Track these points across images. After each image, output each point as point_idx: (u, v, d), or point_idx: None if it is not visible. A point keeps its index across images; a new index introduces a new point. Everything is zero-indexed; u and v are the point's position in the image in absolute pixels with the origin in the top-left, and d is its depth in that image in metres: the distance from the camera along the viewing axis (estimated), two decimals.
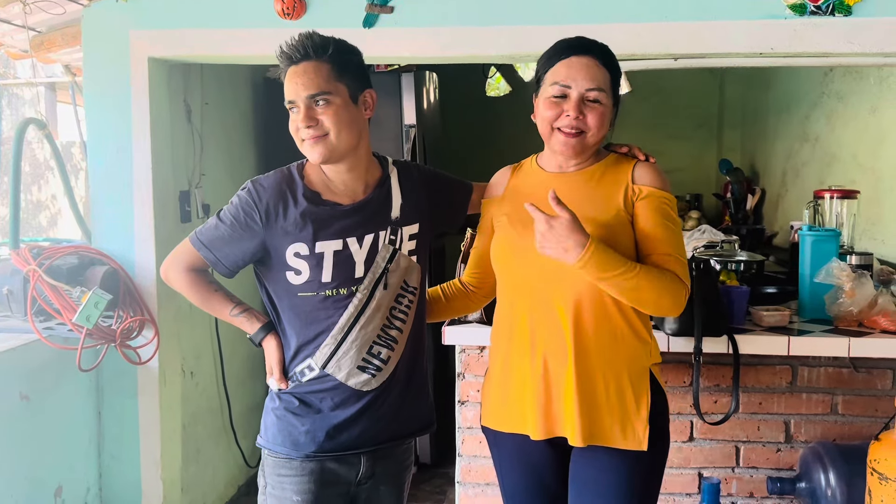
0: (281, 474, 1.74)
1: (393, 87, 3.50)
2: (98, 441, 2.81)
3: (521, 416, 1.74)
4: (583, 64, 1.67)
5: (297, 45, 1.67)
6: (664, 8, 2.46)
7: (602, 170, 1.75)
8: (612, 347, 1.68)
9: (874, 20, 2.37)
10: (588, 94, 1.66)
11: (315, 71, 1.66)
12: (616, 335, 1.68)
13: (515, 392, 1.75)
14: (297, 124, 1.67)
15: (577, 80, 1.66)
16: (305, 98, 1.65)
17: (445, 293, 1.96)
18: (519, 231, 1.73)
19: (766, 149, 4.79)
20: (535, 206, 1.59)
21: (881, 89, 3.28)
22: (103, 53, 2.69)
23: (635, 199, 1.69)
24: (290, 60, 1.67)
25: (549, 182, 1.75)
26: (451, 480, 3.36)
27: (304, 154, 1.71)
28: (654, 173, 1.72)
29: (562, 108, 1.67)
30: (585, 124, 1.66)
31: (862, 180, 3.34)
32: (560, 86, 1.67)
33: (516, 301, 1.75)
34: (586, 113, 1.66)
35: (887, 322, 2.24)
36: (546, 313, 1.69)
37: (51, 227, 3.60)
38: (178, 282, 1.78)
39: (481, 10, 2.52)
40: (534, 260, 1.69)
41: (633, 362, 1.70)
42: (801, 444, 2.41)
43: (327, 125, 1.66)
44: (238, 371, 3.54)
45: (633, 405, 1.69)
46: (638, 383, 1.70)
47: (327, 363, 1.70)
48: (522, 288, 1.73)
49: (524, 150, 1.89)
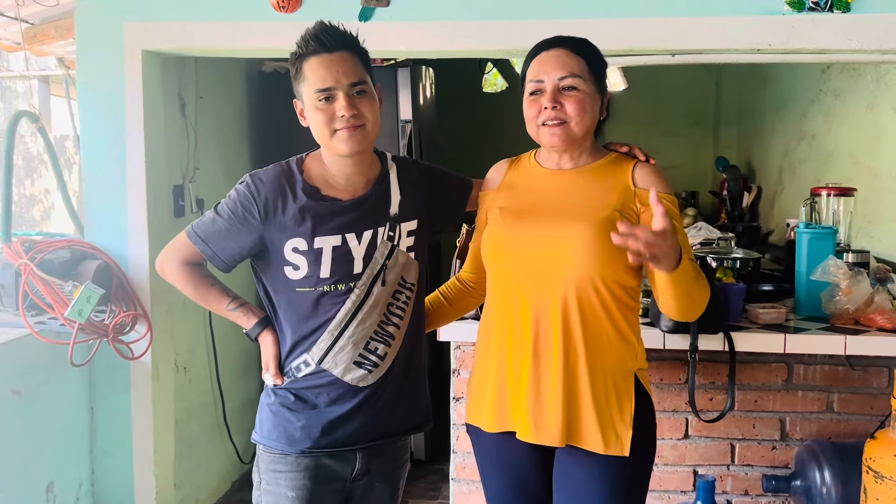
0: (276, 470, 1.73)
1: (389, 81, 3.48)
2: (90, 436, 2.80)
3: (505, 414, 1.72)
4: (552, 56, 1.68)
5: (331, 32, 1.64)
6: (662, 3, 2.45)
7: (599, 168, 1.73)
8: (597, 349, 1.66)
9: (873, 16, 2.36)
10: (562, 83, 1.65)
11: (352, 60, 1.65)
12: (602, 337, 1.66)
13: (500, 389, 1.73)
14: (336, 112, 1.62)
15: (548, 71, 1.66)
16: (347, 86, 1.63)
17: (447, 297, 1.94)
18: (510, 224, 1.71)
19: (762, 146, 4.78)
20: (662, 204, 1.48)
21: (878, 87, 3.28)
22: (97, 46, 2.67)
23: (640, 207, 1.66)
24: (324, 48, 1.62)
25: (546, 179, 1.74)
26: (445, 477, 3.36)
27: (330, 146, 1.67)
28: (656, 176, 1.70)
29: (540, 103, 1.66)
30: (565, 113, 1.65)
31: (859, 178, 3.34)
32: (534, 82, 1.68)
33: (505, 296, 1.73)
34: (563, 101, 1.65)
35: (884, 320, 2.24)
36: (534, 310, 1.67)
37: (44, 221, 3.58)
38: (174, 276, 1.76)
39: (478, 4, 2.51)
40: (523, 256, 1.68)
41: (618, 365, 1.67)
42: (796, 441, 2.41)
43: (367, 114, 1.65)
44: (231, 366, 3.52)
45: (617, 409, 1.66)
46: (622, 387, 1.67)
47: (324, 358, 1.69)
48: (511, 283, 1.72)
49: (520, 145, 1.87)
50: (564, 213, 1.67)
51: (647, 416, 1.70)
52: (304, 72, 1.64)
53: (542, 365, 1.67)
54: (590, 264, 1.63)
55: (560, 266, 1.64)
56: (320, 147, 1.73)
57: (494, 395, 1.73)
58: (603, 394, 1.66)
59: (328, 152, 1.70)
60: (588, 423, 1.66)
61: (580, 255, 1.63)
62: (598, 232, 1.62)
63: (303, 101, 1.68)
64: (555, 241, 1.66)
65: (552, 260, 1.65)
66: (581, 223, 1.63)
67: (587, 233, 1.62)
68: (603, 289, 1.64)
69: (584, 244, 1.62)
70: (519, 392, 1.69)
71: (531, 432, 1.68)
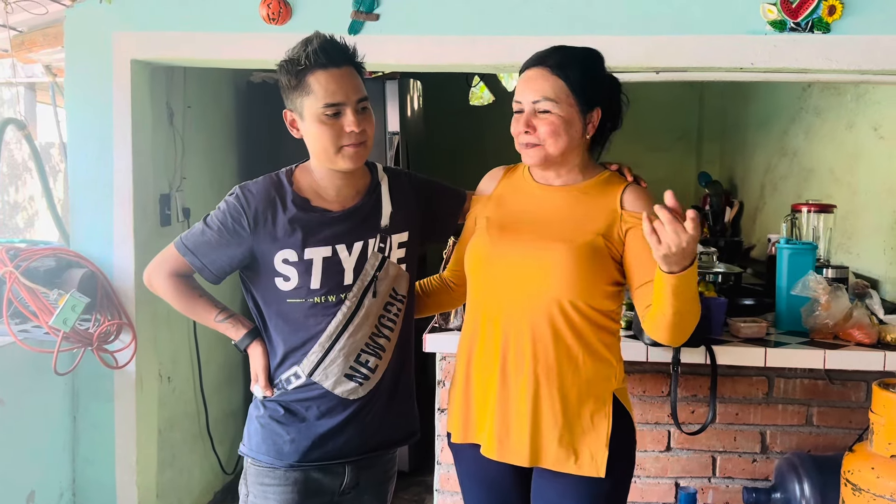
0: (264, 483, 1.72)
1: (377, 94, 3.50)
2: (72, 445, 2.77)
3: (469, 426, 1.73)
4: (530, 77, 1.67)
5: (339, 47, 1.63)
6: (646, 22, 2.49)
7: (589, 188, 1.71)
8: (569, 371, 1.64)
9: (851, 38, 2.41)
10: (536, 107, 1.64)
11: (356, 76, 1.66)
12: (575, 358, 1.64)
13: (465, 400, 1.73)
14: (344, 128, 1.62)
15: (525, 93, 1.66)
16: (355, 102, 1.63)
17: (424, 289, 1.93)
18: (493, 238, 1.71)
19: (744, 162, 4.84)
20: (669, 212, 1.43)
21: (858, 105, 3.33)
22: (86, 54, 2.67)
23: (626, 229, 1.65)
24: (333, 62, 1.61)
25: (534, 194, 1.74)
26: (429, 488, 3.35)
27: (332, 161, 1.65)
28: (645, 200, 1.67)
29: (519, 123, 1.67)
30: (537, 136, 1.64)
31: (838, 195, 3.39)
32: (515, 102, 1.68)
33: (479, 309, 1.73)
34: (536, 125, 1.64)
35: (861, 335, 2.27)
36: (504, 328, 1.67)
37: (28, 229, 3.56)
38: (162, 288, 1.75)
39: (466, 20, 2.54)
40: (500, 272, 1.68)
41: (592, 387, 1.65)
42: (776, 454, 2.43)
43: (369, 131, 1.66)
44: (215, 376, 3.51)
45: (592, 430, 1.64)
46: (598, 408, 1.65)
47: (314, 371, 1.68)
48: (485, 297, 1.72)
49: (507, 158, 1.89)
50: (546, 233, 1.66)
51: (625, 434, 1.69)
52: (308, 84, 1.61)
53: (509, 384, 1.66)
54: (565, 287, 1.62)
55: (534, 286, 1.64)
56: (309, 159, 1.73)
57: (460, 405, 1.74)
58: (576, 415, 1.65)
59: (324, 165, 1.69)
60: (556, 444, 1.64)
61: (555, 278, 1.62)
62: (577, 255, 1.61)
63: (301, 113, 1.65)
64: (532, 260, 1.65)
65: (527, 279, 1.65)
66: (562, 245, 1.63)
67: (566, 255, 1.61)
68: (576, 313, 1.63)
69: (560, 267, 1.61)
70: (485, 407, 1.69)
71: (494, 449, 1.68)
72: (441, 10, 2.54)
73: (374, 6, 2.55)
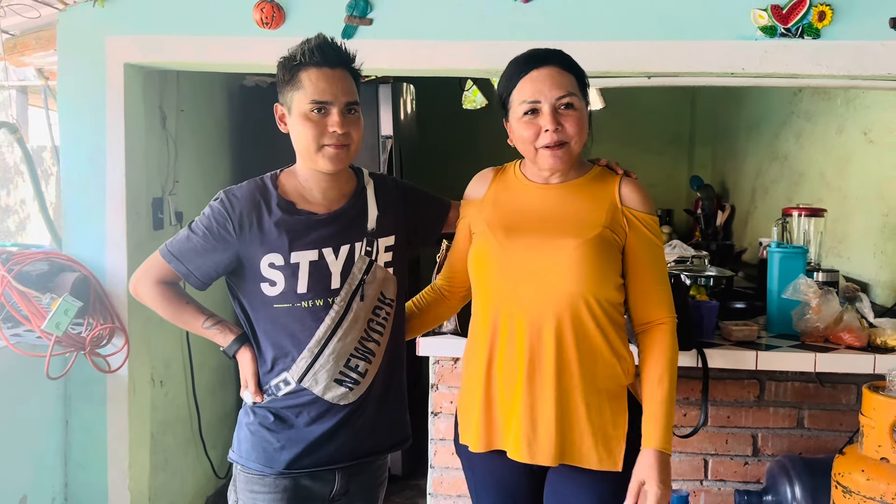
0: (253, 490, 1.71)
1: (370, 97, 3.51)
2: (65, 450, 2.77)
3: (492, 434, 1.70)
4: (545, 75, 1.64)
5: (335, 49, 1.65)
6: (638, 27, 2.50)
7: (586, 183, 1.72)
8: (592, 366, 1.65)
9: (841, 43, 2.43)
10: (559, 103, 1.63)
11: (349, 79, 1.66)
12: (596, 354, 1.65)
13: (488, 408, 1.71)
14: (328, 127, 1.62)
15: (545, 91, 1.63)
16: (344, 104, 1.64)
17: (418, 305, 1.92)
18: (500, 239, 1.69)
19: (736, 166, 4.87)
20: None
21: (847, 110, 3.36)
22: (78, 58, 2.67)
23: (627, 225, 1.67)
24: (327, 62, 1.63)
25: (534, 193, 1.73)
26: (422, 492, 3.35)
27: (312, 160, 1.66)
28: (642, 196, 1.70)
29: (538, 125, 1.63)
30: (566, 133, 1.63)
31: (829, 198, 3.41)
32: (529, 103, 1.64)
33: (494, 314, 1.70)
34: (563, 122, 1.63)
35: (852, 338, 2.29)
36: (528, 329, 1.65)
37: (19, 232, 3.55)
38: (148, 296, 1.74)
39: (459, 24, 2.55)
40: (515, 273, 1.66)
41: (611, 382, 1.67)
42: (768, 457, 2.44)
43: (354, 136, 1.66)
44: (208, 381, 3.50)
45: (611, 425, 1.66)
46: (616, 403, 1.67)
47: (304, 376, 1.67)
48: (501, 301, 1.69)
49: (500, 162, 1.88)
50: (556, 231, 1.66)
51: (638, 427, 1.70)
52: (300, 80, 1.62)
53: (536, 384, 1.65)
54: (584, 282, 1.62)
55: (554, 284, 1.63)
56: (296, 162, 1.72)
57: (481, 414, 1.71)
58: (597, 411, 1.66)
59: (306, 165, 1.69)
60: (582, 440, 1.65)
61: (575, 273, 1.62)
62: (591, 249, 1.62)
63: (289, 107, 1.66)
64: (548, 258, 1.64)
65: (546, 278, 1.64)
66: (574, 240, 1.63)
67: (581, 250, 1.62)
68: (596, 306, 1.64)
69: (577, 262, 1.62)
70: (511, 411, 1.67)
71: (523, 452, 1.67)
72: (434, 15, 2.55)
73: (367, 11, 2.55)
